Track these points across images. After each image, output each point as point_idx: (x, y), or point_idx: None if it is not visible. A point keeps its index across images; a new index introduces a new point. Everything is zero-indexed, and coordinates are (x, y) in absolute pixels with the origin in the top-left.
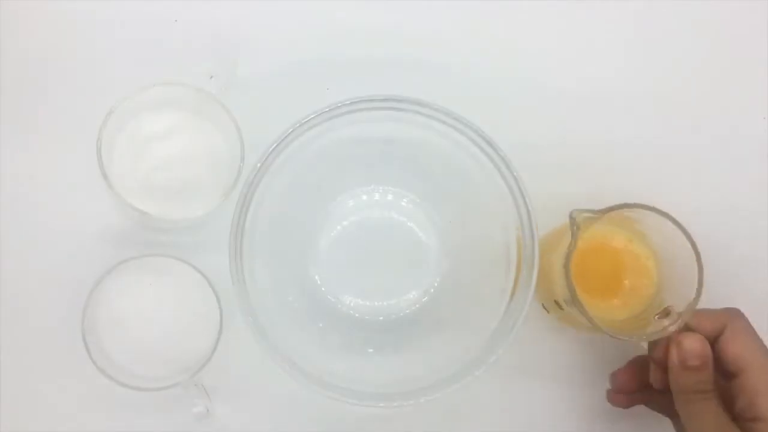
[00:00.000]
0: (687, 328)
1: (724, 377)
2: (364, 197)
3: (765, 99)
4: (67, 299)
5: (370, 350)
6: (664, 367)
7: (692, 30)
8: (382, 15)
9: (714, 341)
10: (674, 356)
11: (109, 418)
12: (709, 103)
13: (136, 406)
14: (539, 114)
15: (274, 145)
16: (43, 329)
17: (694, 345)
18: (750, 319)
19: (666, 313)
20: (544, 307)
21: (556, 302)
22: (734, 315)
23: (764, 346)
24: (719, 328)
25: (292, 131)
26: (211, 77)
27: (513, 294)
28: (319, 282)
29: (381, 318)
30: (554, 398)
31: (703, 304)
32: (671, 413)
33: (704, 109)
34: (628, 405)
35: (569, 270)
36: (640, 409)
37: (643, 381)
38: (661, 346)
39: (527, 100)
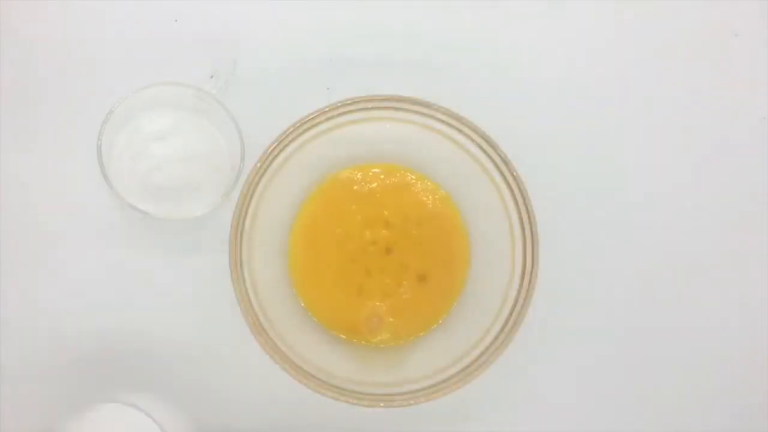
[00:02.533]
0: None
1: None
2: None
3: (764, 99)
4: (65, 300)
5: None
6: None
7: (691, 29)
8: (382, 15)
9: None
10: None
11: None
12: (708, 103)
13: None
14: (540, 114)
15: (275, 144)
16: (41, 331)
17: None
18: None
19: None
20: None
21: None
22: None
23: None
24: None
25: (292, 131)
26: (211, 77)
27: (516, 295)
28: None
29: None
30: (556, 399)
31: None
32: None
33: (703, 109)
34: None
35: None
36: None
37: None
38: None
39: (528, 100)
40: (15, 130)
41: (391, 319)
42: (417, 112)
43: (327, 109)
